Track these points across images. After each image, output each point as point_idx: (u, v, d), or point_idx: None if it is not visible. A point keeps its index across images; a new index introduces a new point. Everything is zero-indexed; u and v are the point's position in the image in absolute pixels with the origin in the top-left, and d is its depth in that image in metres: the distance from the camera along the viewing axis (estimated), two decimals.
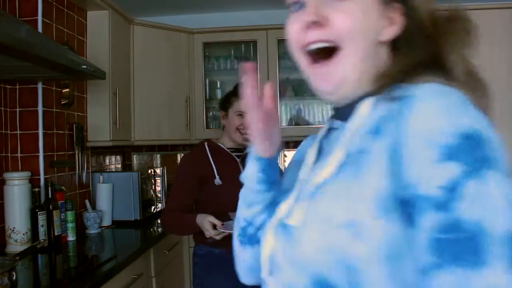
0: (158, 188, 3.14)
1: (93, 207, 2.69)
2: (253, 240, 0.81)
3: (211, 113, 3.53)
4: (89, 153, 2.80)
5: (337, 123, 0.72)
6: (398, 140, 0.54)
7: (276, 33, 3.34)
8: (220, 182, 1.96)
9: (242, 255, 0.85)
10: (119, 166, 3.46)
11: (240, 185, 0.81)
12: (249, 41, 3.42)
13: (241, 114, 1.96)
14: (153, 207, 3.05)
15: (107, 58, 2.70)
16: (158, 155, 3.75)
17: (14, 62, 1.63)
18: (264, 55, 3.34)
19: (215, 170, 1.98)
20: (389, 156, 0.55)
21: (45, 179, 2.25)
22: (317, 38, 0.65)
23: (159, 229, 2.67)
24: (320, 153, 0.74)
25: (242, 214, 0.82)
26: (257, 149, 0.76)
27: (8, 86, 2.19)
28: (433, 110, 0.53)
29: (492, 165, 0.50)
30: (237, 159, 2.05)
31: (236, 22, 3.48)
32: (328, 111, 3.43)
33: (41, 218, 2.11)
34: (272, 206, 0.77)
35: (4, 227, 2.06)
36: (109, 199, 2.74)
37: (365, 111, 0.64)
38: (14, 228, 2.04)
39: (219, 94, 3.54)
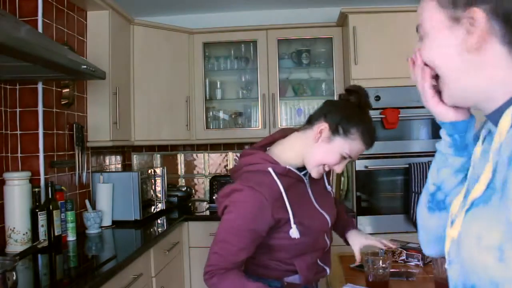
0: (158, 188, 3.14)
1: (93, 207, 2.69)
2: (441, 206, 0.85)
3: (211, 113, 3.54)
4: (89, 153, 2.80)
5: (493, 127, 0.74)
6: None
7: (276, 33, 3.34)
8: (298, 236, 1.38)
9: (429, 223, 0.88)
10: (119, 166, 3.47)
11: (315, 218, 0.78)
12: (249, 41, 3.42)
13: (345, 158, 1.42)
14: (153, 207, 3.05)
15: (107, 58, 2.71)
16: (158, 155, 3.75)
17: (14, 62, 1.63)
18: (264, 55, 3.34)
19: (290, 215, 1.38)
20: None
21: (45, 179, 2.25)
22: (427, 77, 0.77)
23: (159, 229, 2.67)
24: (481, 154, 0.77)
25: (431, 178, 0.87)
26: (442, 113, 0.80)
27: (8, 86, 2.20)
28: None
29: None
30: (305, 180, 1.50)
31: (236, 22, 3.48)
32: None
33: (41, 218, 2.11)
34: (461, 171, 0.82)
35: (4, 227, 2.06)
36: (109, 199, 2.74)
37: (507, 124, 0.65)
38: (14, 228, 2.04)
39: (219, 94, 3.55)
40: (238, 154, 3.67)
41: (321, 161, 1.42)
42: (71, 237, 2.35)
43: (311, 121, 1.46)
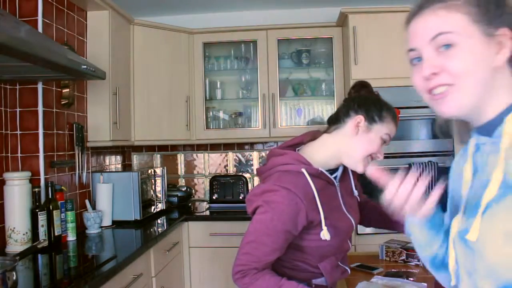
0: (158, 188, 3.14)
1: (93, 207, 2.69)
2: (445, 264, 0.93)
3: (211, 113, 3.53)
4: (89, 153, 2.80)
5: (483, 138, 0.82)
6: None
7: (276, 33, 3.34)
8: (329, 238, 1.40)
9: (440, 276, 1.01)
10: (119, 166, 3.47)
11: (342, 221, 0.90)
12: (249, 41, 3.42)
13: (385, 141, 1.45)
14: (153, 207, 3.05)
15: (107, 58, 2.71)
16: (158, 155, 3.75)
17: (14, 62, 1.63)
18: (264, 55, 3.34)
19: (322, 216, 1.39)
20: None
21: (45, 179, 2.25)
22: (438, 83, 0.79)
23: (159, 229, 2.67)
24: (475, 170, 0.83)
25: (422, 253, 0.99)
26: (415, 216, 0.87)
27: (8, 86, 2.19)
28: None
29: None
30: (335, 182, 1.51)
31: (236, 22, 3.48)
32: (328, 111, 3.43)
33: (41, 218, 2.11)
34: (447, 234, 0.91)
35: (4, 227, 2.06)
36: (109, 199, 2.74)
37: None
38: (14, 228, 2.04)
39: (219, 94, 3.55)
40: (238, 154, 3.67)
41: (367, 151, 1.43)
42: (71, 237, 2.35)
43: (338, 119, 1.48)
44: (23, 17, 2.16)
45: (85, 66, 1.95)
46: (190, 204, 3.48)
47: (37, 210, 2.11)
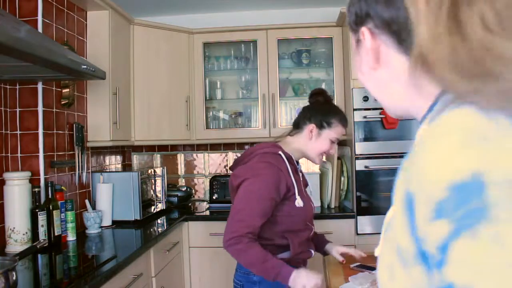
0: (158, 188, 3.14)
1: (93, 207, 2.69)
2: None
3: (211, 113, 3.53)
4: (89, 153, 2.80)
5: None
6: (409, 186, 0.50)
7: (276, 33, 3.34)
8: (302, 205, 1.75)
9: None
10: (119, 166, 3.47)
11: (306, 202, 0.83)
12: (249, 41, 3.42)
13: (334, 142, 1.84)
14: (153, 207, 3.05)
15: (107, 58, 2.71)
16: (158, 155, 3.75)
17: (14, 62, 1.63)
18: (264, 55, 3.34)
19: (295, 188, 1.75)
20: (405, 205, 0.52)
21: (45, 179, 2.25)
22: None
23: (159, 229, 2.67)
24: None
25: None
26: None
27: (8, 86, 2.20)
28: (439, 154, 0.47)
29: (485, 217, 0.42)
30: (298, 169, 1.87)
31: (236, 22, 3.48)
32: None
33: (41, 218, 2.11)
34: None
35: (4, 227, 2.06)
36: (109, 199, 2.74)
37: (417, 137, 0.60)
38: (14, 228, 2.04)
39: (219, 94, 3.55)
40: (238, 154, 3.67)
41: (320, 150, 1.83)
42: (71, 237, 2.35)
43: (298, 126, 1.87)
44: (23, 17, 2.16)
45: (85, 66, 1.95)
46: (190, 204, 3.48)
47: (37, 210, 2.11)
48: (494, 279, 0.42)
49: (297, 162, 1.87)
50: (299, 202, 1.74)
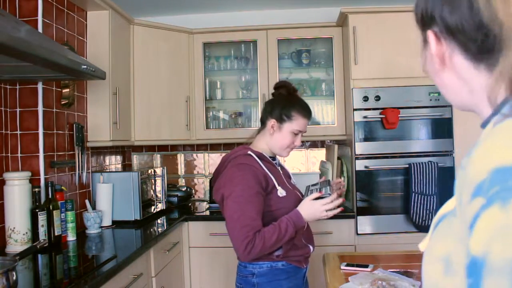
0: (158, 188, 3.14)
1: (93, 207, 2.69)
2: None
3: (211, 113, 3.53)
4: (89, 153, 2.80)
5: None
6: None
7: (276, 33, 3.34)
8: (284, 194, 1.77)
9: None
10: (119, 166, 3.47)
11: (291, 191, 0.81)
12: (249, 41, 3.42)
13: (297, 134, 1.84)
14: (153, 207, 3.05)
15: (107, 58, 2.71)
16: (158, 155, 3.75)
17: (14, 62, 1.63)
18: (264, 55, 3.34)
19: (274, 181, 1.77)
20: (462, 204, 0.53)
21: (45, 179, 2.25)
22: None
23: (159, 229, 2.67)
24: None
25: None
26: None
27: (8, 86, 2.20)
28: (489, 147, 0.50)
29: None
30: (275, 164, 1.90)
31: (236, 22, 3.48)
32: (328, 111, 3.43)
33: (41, 218, 2.11)
34: None
35: (4, 227, 2.06)
36: (109, 199, 2.74)
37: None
38: (14, 228, 2.04)
39: (219, 94, 3.55)
40: None
41: (284, 144, 1.84)
42: (71, 237, 2.35)
43: (263, 122, 1.90)
44: (23, 17, 2.16)
45: (85, 66, 1.95)
46: (190, 204, 3.48)
47: (37, 210, 2.11)
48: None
49: (274, 158, 1.90)
50: (281, 192, 1.76)
